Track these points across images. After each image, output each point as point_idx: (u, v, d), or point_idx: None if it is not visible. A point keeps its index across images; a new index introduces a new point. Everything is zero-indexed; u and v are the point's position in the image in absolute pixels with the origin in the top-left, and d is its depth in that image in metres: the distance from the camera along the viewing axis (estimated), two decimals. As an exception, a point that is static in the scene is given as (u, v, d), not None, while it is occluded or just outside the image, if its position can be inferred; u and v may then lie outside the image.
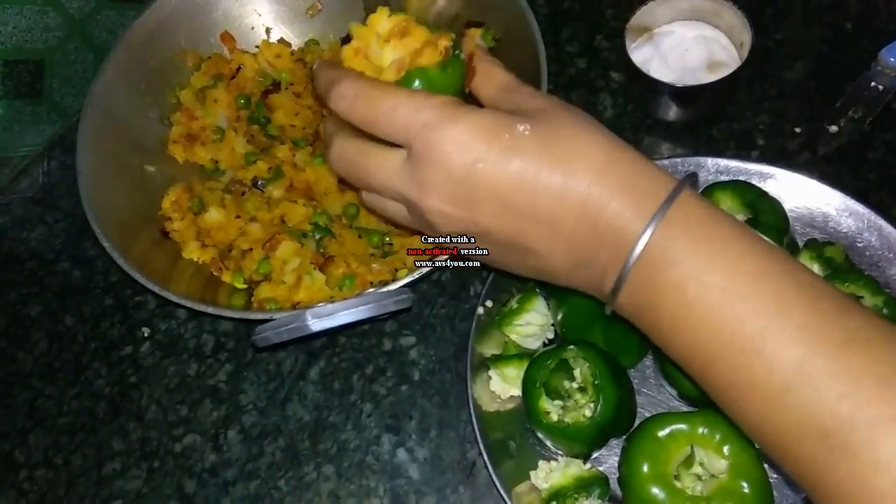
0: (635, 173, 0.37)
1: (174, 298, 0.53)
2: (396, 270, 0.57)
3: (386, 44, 0.43)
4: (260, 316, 0.52)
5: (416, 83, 0.42)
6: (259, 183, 0.63)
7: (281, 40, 0.69)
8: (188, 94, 0.66)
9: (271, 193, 0.62)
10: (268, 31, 0.69)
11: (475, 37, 0.46)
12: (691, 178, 0.39)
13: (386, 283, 0.52)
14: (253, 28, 0.69)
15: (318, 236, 0.59)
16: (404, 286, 0.50)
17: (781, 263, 0.35)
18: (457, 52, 0.44)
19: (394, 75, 0.42)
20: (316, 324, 0.46)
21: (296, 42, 0.69)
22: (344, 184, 0.58)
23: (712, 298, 0.35)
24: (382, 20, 0.43)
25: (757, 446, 0.43)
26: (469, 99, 0.44)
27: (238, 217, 0.61)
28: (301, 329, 0.46)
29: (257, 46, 0.68)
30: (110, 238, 0.55)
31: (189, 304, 0.53)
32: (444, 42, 0.42)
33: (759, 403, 0.34)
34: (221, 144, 0.65)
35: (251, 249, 0.59)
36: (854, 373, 0.32)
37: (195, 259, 0.60)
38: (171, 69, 0.66)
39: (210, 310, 0.53)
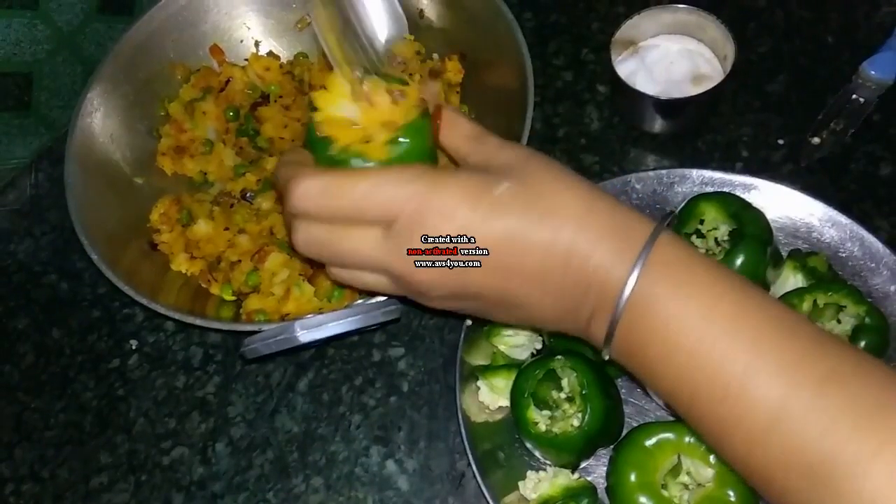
0: (614, 219, 0.38)
1: (162, 310, 0.53)
2: None
3: (362, 106, 0.42)
4: (248, 328, 0.52)
5: (405, 142, 0.41)
6: (248, 195, 0.63)
7: (270, 53, 0.69)
8: (177, 107, 0.66)
9: (260, 205, 0.62)
10: (257, 44, 0.70)
11: (437, 86, 0.45)
12: (668, 218, 0.40)
13: (374, 295, 0.52)
14: (242, 41, 0.69)
15: None
16: (392, 297, 0.50)
17: (758, 301, 0.37)
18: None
19: (386, 137, 0.41)
20: (305, 335, 0.46)
21: (285, 55, 0.69)
22: (311, 262, 0.56)
23: (694, 338, 0.36)
24: (343, 85, 0.42)
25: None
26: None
27: (227, 229, 0.61)
28: (290, 340, 0.46)
29: (246, 59, 0.69)
30: (98, 250, 0.55)
31: (178, 316, 0.53)
32: (414, 94, 0.42)
33: (745, 438, 0.35)
34: (210, 157, 0.65)
35: (240, 261, 0.59)
36: (835, 409, 0.33)
37: (183, 271, 0.60)
38: (160, 82, 0.66)
39: (199, 322, 0.53)
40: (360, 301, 0.52)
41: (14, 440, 0.59)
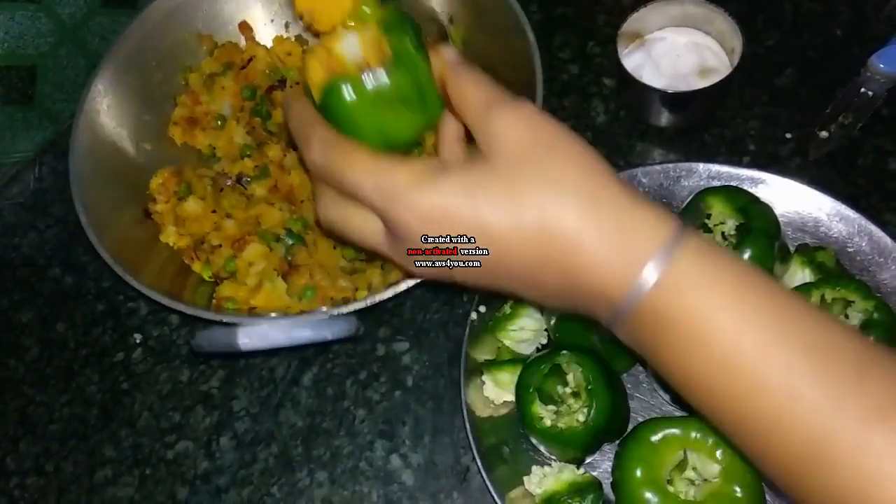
0: (618, 228, 0.35)
1: (144, 290, 0.52)
2: (356, 290, 0.57)
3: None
4: (210, 316, 0.52)
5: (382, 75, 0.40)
6: (243, 179, 0.63)
7: (298, 37, 0.68)
8: (196, 78, 0.66)
9: (254, 191, 0.62)
10: (287, 25, 0.69)
11: (443, 54, 0.42)
12: (689, 223, 0.37)
13: (347, 301, 0.52)
14: (272, 20, 0.69)
15: (290, 242, 0.59)
16: (350, 313, 0.50)
17: (792, 323, 0.34)
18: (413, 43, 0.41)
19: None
20: (246, 343, 0.46)
21: (312, 40, 0.69)
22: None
23: (717, 372, 0.34)
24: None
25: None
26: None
27: (214, 212, 0.61)
28: (232, 346, 0.46)
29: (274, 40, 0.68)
30: (89, 214, 0.55)
31: (154, 295, 0.52)
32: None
33: (778, 469, 0.35)
34: (221, 132, 0.65)
35: (221, 246, 0.59)
36: (880, 454, 0.31)
37: (171, 244, 0.61)
38: (185, 50, 0.66)
39: (165, 301, 0.52)
40: (317, 312, 0.51)
41: (19, 433, 0.59)
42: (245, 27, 0.68)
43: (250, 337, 0.46)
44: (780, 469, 0.34)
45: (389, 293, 0.50)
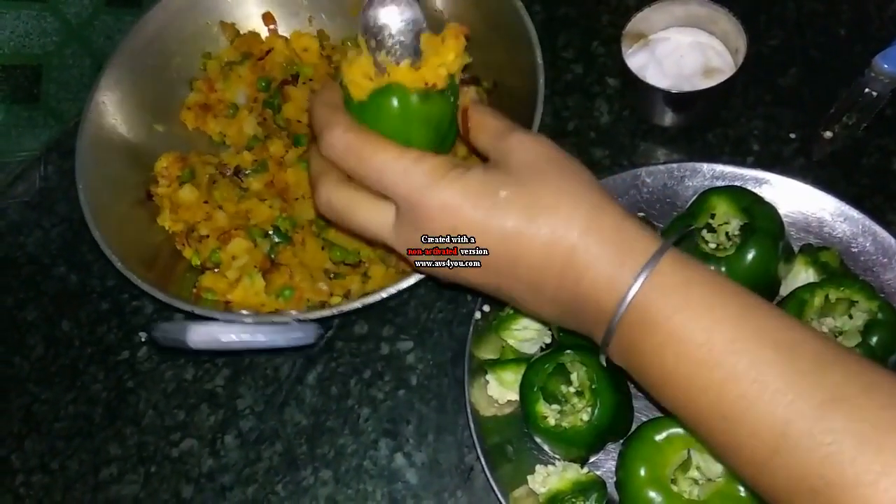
0: (616, 237, 0.38)
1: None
2: (332, 295, 0.57)
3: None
4: (181, 305, 0.53)
5: (414, 97, 0.43)
6: (241, 173, 0.63)
7: (320, 32, 0.68)
8: (214, 65, 0.66)
9: (250, 185, 0.62)
10: (310, 19, 0.69)
11: (470, 92, 0.46)
12: (677, 237, 0.40)
13: (323, 305, 0.52)
14: (297, 13, 0.69)
15: (276, 240, 0.59)
16: (310, 321, 0.50)
17: (758, 322, 0.37)
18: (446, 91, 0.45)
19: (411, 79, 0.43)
20: (196, 342, 0.47)
21: (334, 36, 0.69)
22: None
23: (691, 367, 0.37)
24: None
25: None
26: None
27: (206, 202, 0.61)
28: (181, 342, 0.47)
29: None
30: (88, 195, 0.56)
31: (143, 285, 0.53)
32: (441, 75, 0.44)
33: (748, 463, 0.36)
34: (233, 121, 0.65)
35: (208, 236, 0.60)
36: (836, 433, 0.33)
37: (166, 227, 0.61)
38: (207, 37, 0.67)
39: (145, 286, 0.53)
40: (280, 315, 0.52)
41: (24, 431, 0.60)
42: (269, 18, 0.69)
43: (200, 336, 0.46)
44: (749, 461, 0.36)
45: (357, 304, 0.51)
